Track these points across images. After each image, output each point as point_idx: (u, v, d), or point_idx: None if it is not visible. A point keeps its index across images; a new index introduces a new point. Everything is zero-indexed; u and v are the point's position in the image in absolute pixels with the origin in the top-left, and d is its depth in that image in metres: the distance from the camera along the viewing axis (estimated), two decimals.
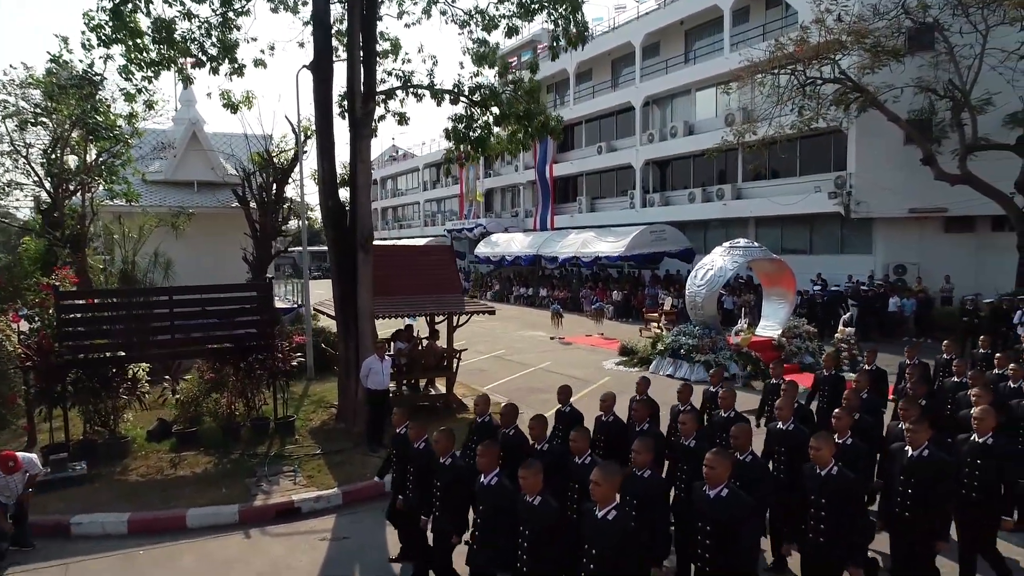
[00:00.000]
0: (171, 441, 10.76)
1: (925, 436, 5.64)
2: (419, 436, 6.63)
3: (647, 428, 7.26)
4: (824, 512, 5.17)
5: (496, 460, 5.54)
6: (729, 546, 4.61)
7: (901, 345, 21.05)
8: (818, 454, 5.27)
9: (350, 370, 11.08)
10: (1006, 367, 9.51)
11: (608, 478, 4.40)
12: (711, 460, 4.77)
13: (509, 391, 15.51)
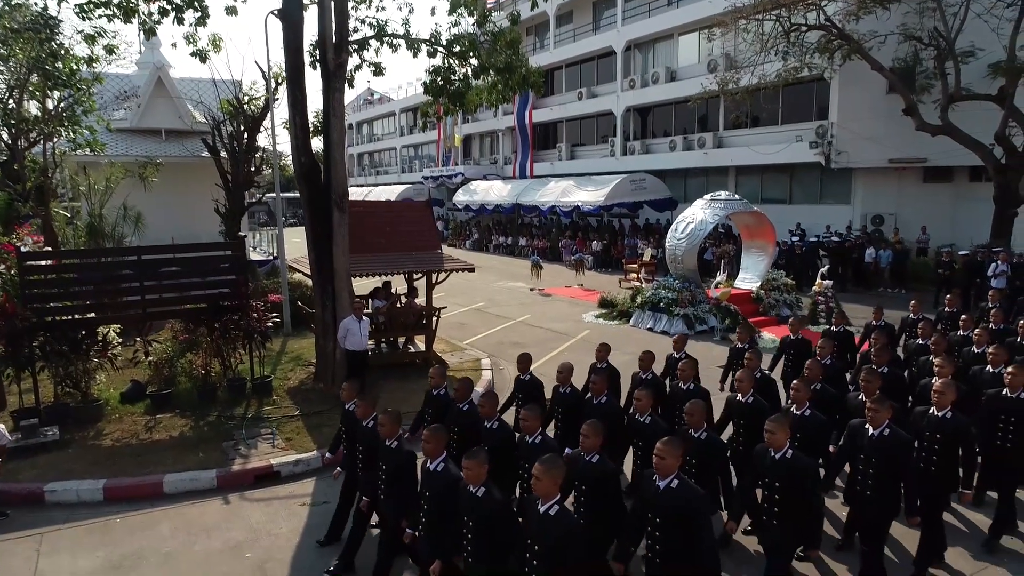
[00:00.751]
0: (145, 403, 10.60)
1: (886, 415, 5.59)
2: (367, 414, 6.35)
3: (604, 401, 7.03)
4: (777, 495, 5.11)
5: (443, 445, 5.26)
6: (681, 538, 4.50)
7: (877, 296, 21.42)
8: (772, 437, 5.15)
9: (327, 331, 10.90)
10: (971, 329, 9.54)
11: (549, 472, 4.16)
12: (661, 450, 4.60)
13: (489, 345, 15.49)
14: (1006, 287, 17.20)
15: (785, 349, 9.84)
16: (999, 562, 6.42)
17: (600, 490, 5.14)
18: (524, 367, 8.02)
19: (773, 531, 5.18)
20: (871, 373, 6.90)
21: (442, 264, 12.40)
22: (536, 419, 5.81)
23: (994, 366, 7.70)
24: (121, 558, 6.84)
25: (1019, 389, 6.53)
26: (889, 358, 8.21)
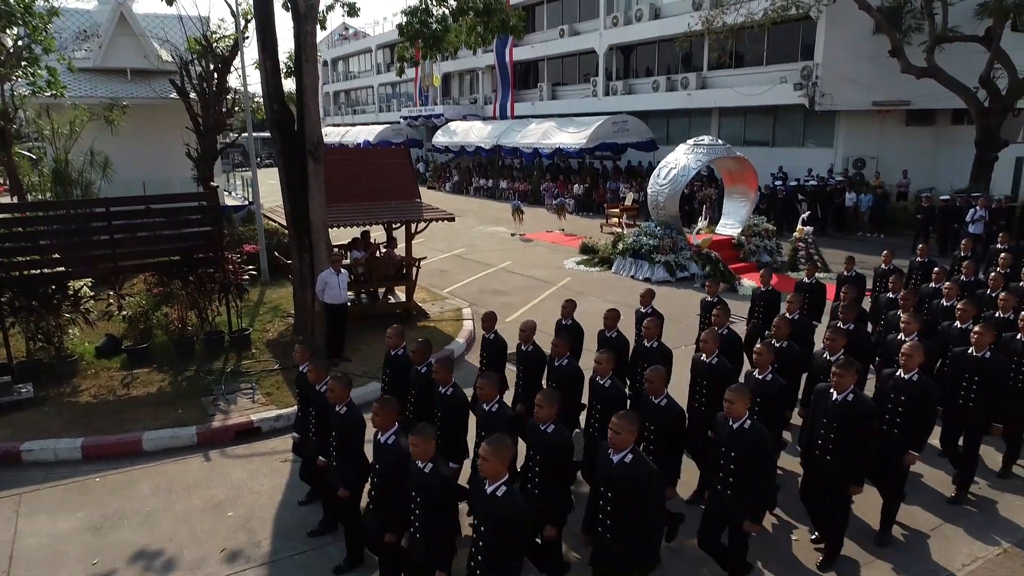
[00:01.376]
0: (121, 357, 10.45)
1: (850, 380, 5.46)
2: (319, 379, 6.16)
3: (565, 363, 6.79)
4: (733, 465, 5.02)
5: (392, 418, 5.09)
6: (632, 513, 4.41)
7: (856, 241, 21.54)
8: (731, 407, 5.00)
9: (305, 283, 10.73)
10: (943, 281, 9.46)
11: (496, 453, 4.02)
12: (616, 424, 4.45)
13: (470, 293, 15.41)
14: (983, 233, 17.36)
15: (755, 302, 9.75)
16: (955, 518, 6.54)
17: (554, 461, 5.02)
18: (489, 326, 7.78)
19: (728, 501, 5.08)
20: (836, 331, 6.80)
21: (421, 214, 12.19)
22: (492, 387, 5.63)
23: (962, 322, 7.66)
24: (102, 518, 6.81)
25: (984, 349, 6.49)
26: (856, 314, 8.08)
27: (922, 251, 11.40)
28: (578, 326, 8.23)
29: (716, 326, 7.75)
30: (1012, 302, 8.11)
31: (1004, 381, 6.67)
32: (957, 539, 6.26)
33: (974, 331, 6.63)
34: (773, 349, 6.72)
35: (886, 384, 6.13)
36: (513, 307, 14.39)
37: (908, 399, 5.91)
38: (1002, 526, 6.46)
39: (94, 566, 6.08)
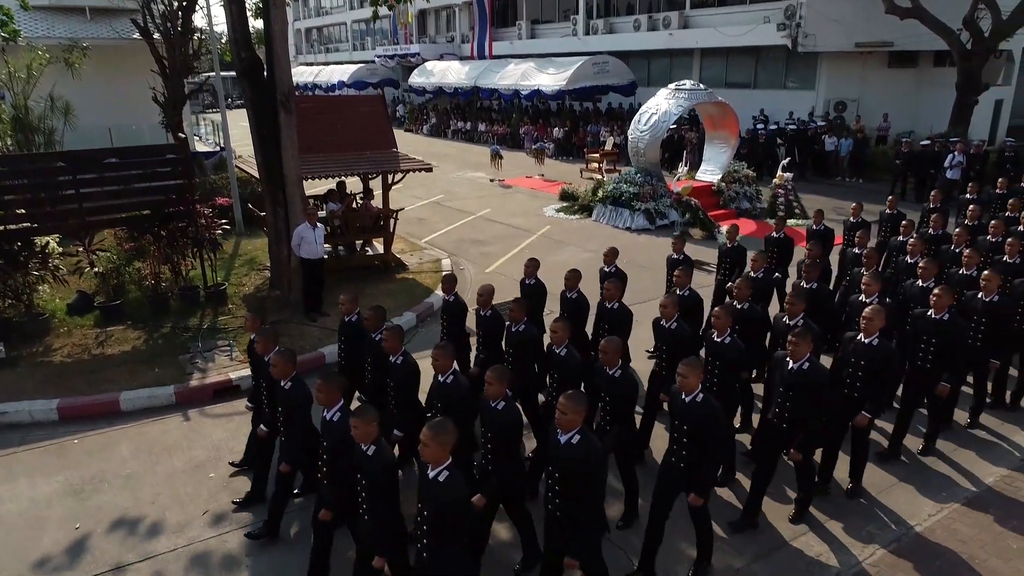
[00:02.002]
0: (94, 315, 10.26)
1: (807, 348, 5.40)
2: (267, 349, 5.94)
3: (522, 329, 6.57)
4: (685, 439, 4.94)
5: (339, 394, 4.95)
6: (578, 495, 4.35)
7: (835, 185, 21.58)
8: (684, 381, 4.88)
9: (280, 237, 10.52)
10: (909, 235, 9.31)
11: (436, 438, 3.91)
12: (563, 405, 4.31)
13: (449, 242, 15.28)
14: (960, 179, 17.43)
15: (722, 257, 9.59)
16: (908, 478, 6.63)
17: (504, 438, 4.90)
18: (448, 287, 7.60)
19: (679, 472, 5.03)
20: (796, 294, 6.70)
21: (398, 165, 11.92)
22: (447, 357, 5.43)
23: (923, 280, 7.55)
24: (82, 482, 6.78)
25: (943, 311, 6.41)
26: (819, 272, 7.95)
27: (891, 202, 11.20)
28: (541, 286, 8.03)
29: (677, 287, 7.68)
30: (976, 259, 8.05)
31: (962, 343, 6.60)
32: (921, 492, 6.46)
33: (933, 293, 6.52)
34: (732, 311, 6.65)
35: (847, 348, 6.10)
36: (493, 257, 14.31)
37: (868, 364, 5.86)
38: (960, 481, 6.67)
39: (76, 531, 6.08)
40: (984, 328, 7.08)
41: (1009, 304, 7.24)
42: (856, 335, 6.03)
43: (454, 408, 5.28)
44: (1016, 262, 8.35)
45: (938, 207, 11.13)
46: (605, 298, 7.22)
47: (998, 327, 7.10)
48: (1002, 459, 6.93)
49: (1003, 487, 6.44)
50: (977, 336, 7.10)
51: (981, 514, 6.07)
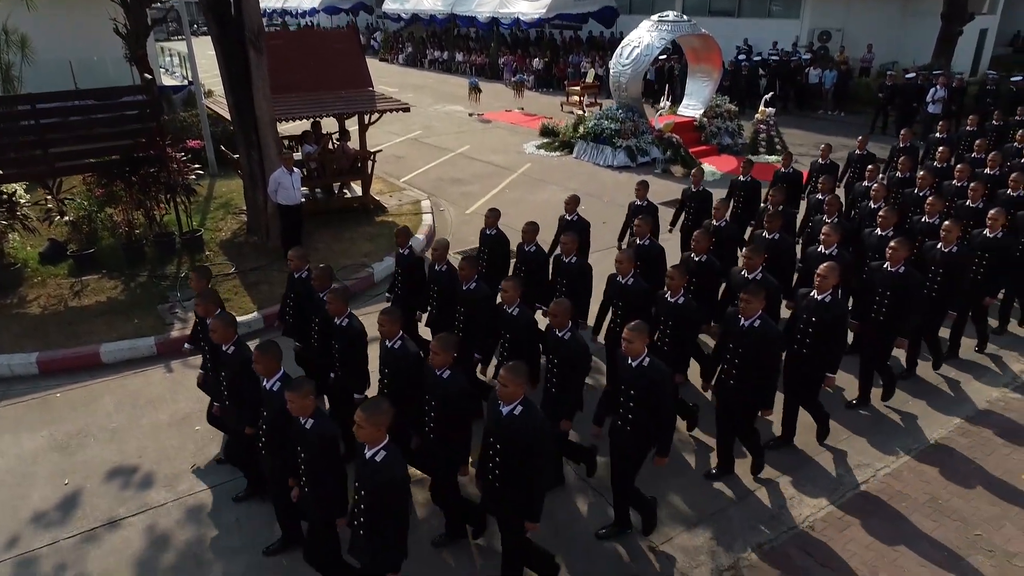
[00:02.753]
0: (68, 263, 10.07)
1: (758, 306, 5.29)
2: (208, 312, 5.72)
3: (474, 287, 6.32)
4: (632, 403, 4.87)
5: (276, 363, 4.75)
6: (521, 467, 4.26)
7: (818, 119, 21.43)
8: (629, 346, 4.76)
9: (256, 182, 10.29)
10: (875, 179, 9.09)
11: (371, 419, 3.82)
12: (503, 377, 4.19)
13: (428, 182, 15.06)
14: (941, 113, 17.37)
15: (686, 202, 9.30)
16: (862, 431, 6.72)
17: (449, 409, 4.74)
18: (403, 241, 7.34)
19: (627, 437, 4.99)
20: (754, 249, 6.46)
21: (374, 104, 11.60)
22: (394, 322, 5.21)
23: (882, 229, 7.35)
24: (67, 437, 6.80)
25: (899, 264, 6.31)
26: (781, 222, 7.65)
27: (861, 142, 10.85)
28: (502, 237, 7.69)
29: (638, 236, 7.40)
30: (939, 206, 7.89)
31: (916, 296, 6.47)
32: (873, 444, 6.70)
33: (890, 246, 6.38)
34: (689, 266, 6.56)
35: (800, 303, 6.00)
36: (473, 197, 14.15)
37: (819, 321, 5.76)
38: (913, 433, 6.92)
39: (65, 486, 6.14)
40: (941, 279, 6.95)
41: (967, 255, 7.05)
42: (810, 291, 5.89)
43: (403, 375, 5.18)
44: (979, 206, 8.22)
45: (907, 147, 10.90)
46: (563, 252, 6.88)
47: (955, 278, 6.93)
48: (956, 409, 7.13)
49: (955, 438, 6.61)
50: (933, 287, 6.97)
51: (928, 467, 6.33)
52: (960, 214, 8.38)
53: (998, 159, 9.87)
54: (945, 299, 7.07)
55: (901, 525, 5.55)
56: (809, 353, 5.89)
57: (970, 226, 8.03)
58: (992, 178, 9.54)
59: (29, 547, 5.49)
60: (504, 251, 7.71)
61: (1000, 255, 7.33)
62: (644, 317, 5.77)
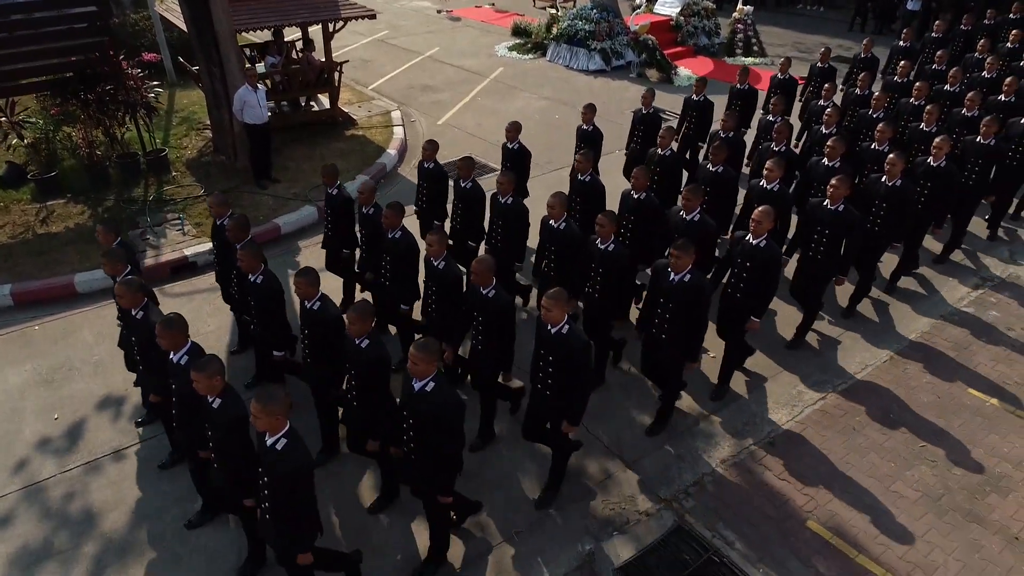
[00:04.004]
0: (29, 187, 9.79)
1: (688, 261, 5.20)
2: (116, 271, 5.55)
3: (399, 236, 5.99)
4: (551, 368, 4.81)
5: (179, 339, 4.49)
6: (434, 444, 4.30)
7: (797, 15, 20.88)
8: (548, 314, 4.64)
9: (220, 101, 9.92)
10: (831, 98, 8.83)
11: (266, 408, 3.74)
12: (413, 355, 4.11)
13: (397, 89, 14.63)
14: (920, 9, 17.05)
15: (636, 124, 9.10)
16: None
17: (367, 377, 4.70)
18: (331, 180, 6.90)
19: (548, 401, 4.98)
20: (692, 190, 6.25)
21: (339, 12, 11.06)
22: (311, 284, 5.02)
23: (829, 160, 7.27)
24: (50, 371, 6.88)
25: (839, 202, 6.26)
26: (725, 156, 7.42)
27: (824, 56, 10.46)
28: (440, 171, 7.36)
29: (579, 172, 7.23)
30: (889, 134, 7.73)
31: (856, 236, 6.45)
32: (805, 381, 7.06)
33: (831, 184, 6.30)
34: (629, 206, 6.52)
35: (735, 248, 5.97)
36: (444, 106, 13.83)
37: (752, 264, 5.75)
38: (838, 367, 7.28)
39: (56, 421, 6.28)
40: (884, 213, 6.85)
41: (911, 189, 6.92)
42: (744, 235, 5.87)
43: (325, 336, 5.08)
44: (974, 115, 8.40)
45: (867, 58, 10.58)
46: (499, 191, 6.55)
47: (900, 212, 6.84)
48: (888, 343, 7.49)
49: (879, 373, 6.89)
50: (876, 222, 6.92)
51: (881, 383, 6.73)
52: (952, 124, 8.65)
53: (995, 63, 9.86)
54: (889, 232, 7.03)
55: (855, 439, 5.97)
56: (741, 298, 5.90)
57: (964, 134, 8.24)
58: (951, 96, 9.53)
59: (33, 479, 5.67)
60: (443, 187, 7.47)
61: (944, 183, 7.30)
62: (652, 233, 6.40)
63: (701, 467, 5.73)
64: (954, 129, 8.56)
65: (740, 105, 9.91)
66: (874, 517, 5.25)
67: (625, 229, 6.77)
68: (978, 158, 7.86)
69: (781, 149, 7.81)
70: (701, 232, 6.16)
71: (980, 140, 7.82)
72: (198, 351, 4.55)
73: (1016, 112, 8.71)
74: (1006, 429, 6.04)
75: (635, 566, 4.94)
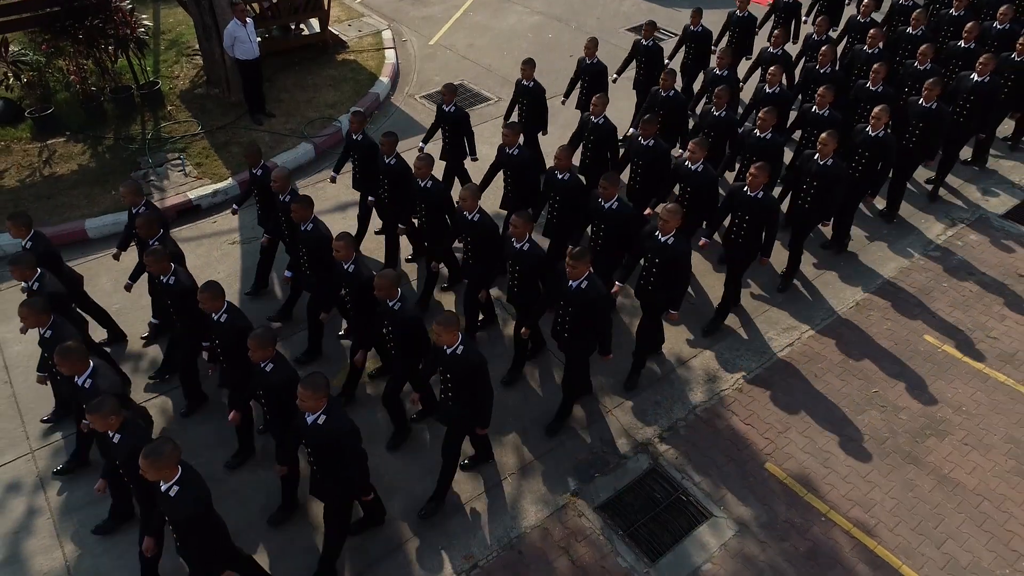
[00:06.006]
0: (28, 125, 9.89)
1: (584, 269, 5.30)
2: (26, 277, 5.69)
3: (310, 228, 6.25)
4: (451, 384, 5.08)
5: (84, 362, 4.75)
6: (333, 470, 4.60)
7: None
8: (439, 339, 4.87)
9: (210, 34, 9.85)
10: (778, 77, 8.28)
11: (154, 464, 3.88)
12: (302, 392, 4.31)
13: (387, 2, 14.27)
14: None
15: (636, 57, 9.24)
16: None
17: (277, 401, 4.97)
18: (254, 160, 7.01)
19: (452, 411, 5.25)
20: (609, 178, 6.22)
21: None
22: (216, 299, 5.18)
23: (761, 130, 7.29)
24: None
25: (758, 190, 6.39)
26: (727, 100, 7.68)
27: (777, 39, 9.13)
28: (403, 166, 7.05)
29: (593, 115, 7.51)
30: (828, 97, 7.61)
31: (839, 188, 6.89)
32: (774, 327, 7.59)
33: (750, 172, 6.39)
34: (557, 185, 6.63)
35: (644, 243, 6.09)
36: (435, 23, 13.60)
37: (662, 260, 5.91)
38: (836, 296, 7.79)
39: None
40: (815, 191, 6.96)
41: (842, 168, 6.94)
42: (653, 231, 5.98)
43: (233, 343, 5.23)
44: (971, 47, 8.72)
45: (814, 20, 9.86)
46: (417, 175, 6.65)
47: (830, 189, 6.94)
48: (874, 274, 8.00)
49: (844, 319, 7.54)
50: (806, 200, 7.07)
51: (846, 329, 7.29)
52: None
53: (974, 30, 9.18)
54: (867, 179, 7.42)
55: (815, 384, 6.61)
56: (654, 291, 6.11)
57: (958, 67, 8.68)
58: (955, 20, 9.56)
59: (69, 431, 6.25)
60: (402, 183, 7.16)
61: (933, 123, 7.71)
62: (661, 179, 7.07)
63: (676, 412, 6.38)
64: (950, 62, 8.93)
65: (738, 33, 9.95)
66: (825, 459, 5.96)
67: (634, 174, 7.33)
68: (969, 95, 8.14)
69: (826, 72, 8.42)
70: (706, 181, 6.78)
71: (975, 78, 8.07)
72: (101, 370, 4.82)
73: (1011, 39, 8.87)
74: (953, 375, 6.67)
75: (613, 504, 5.67)
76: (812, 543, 5.37)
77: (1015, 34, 8.87)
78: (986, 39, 9.18)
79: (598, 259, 6.33)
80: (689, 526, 5.50)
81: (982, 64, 7.98)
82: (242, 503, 5.63)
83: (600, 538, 5.42)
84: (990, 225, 8.47)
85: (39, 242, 6.19)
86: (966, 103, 8.16)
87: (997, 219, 8.55)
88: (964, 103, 8.17)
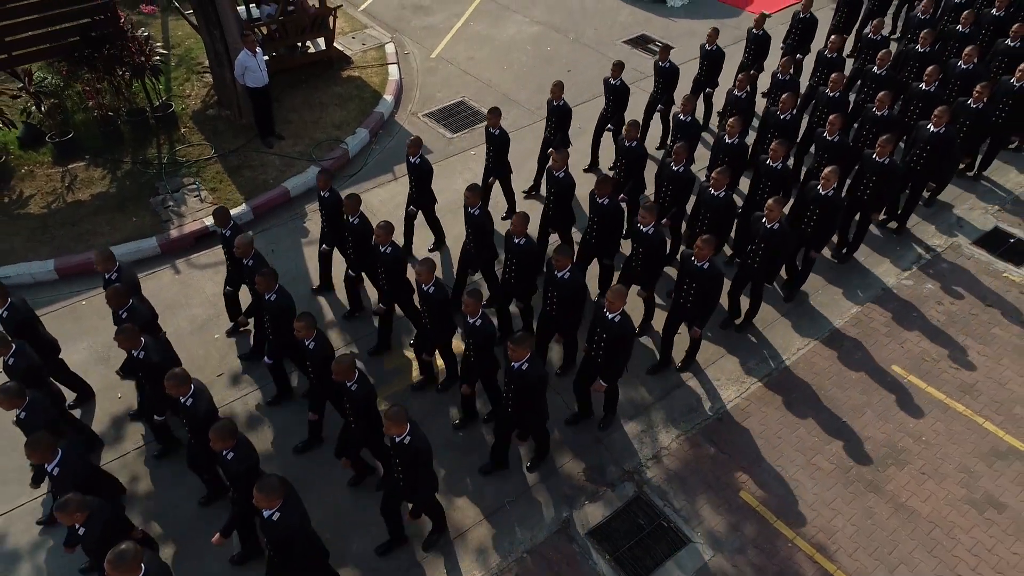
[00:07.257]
0: (48, 149, 10.32)
1: (526, 351, 5.58)
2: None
3: (274, 298, 6.50)
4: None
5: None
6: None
7: None
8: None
9: (222, 61, 10.24)
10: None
11: (119, 567, 4.16)
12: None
13: (389, 10, 14.63)
14: None
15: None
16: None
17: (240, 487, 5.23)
18: (223, 223, 7.23)
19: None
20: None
21: None
22: (185, 384, 5.56)
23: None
24: (104, 348, 7.85)
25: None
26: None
27: (784, 68, 9.72)
28: (365, 224, 7.31)
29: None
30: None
31: (783, 250, 7.40)
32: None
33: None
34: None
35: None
36: (437, 32, 13.92)
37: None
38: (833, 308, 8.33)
39: (120, 400, 7.40)
40: (762, 254, 7.28)
41: (790, 233, 7.33)
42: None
43: (200, 427, 5.48)
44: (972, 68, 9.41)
45: (833, 58, 9.91)
46: (378, 241, 6.91)
47: (778, 254, 7.41)
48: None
49: (817, 350, 8.11)
50: (755, 261, 7.38)
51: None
52: None
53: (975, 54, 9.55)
54: (765, 273, 7.71)
55: (788, 415, 7.20)
56: (600, 365, 6.41)
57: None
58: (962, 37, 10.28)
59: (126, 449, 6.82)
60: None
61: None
62: None
63: (660, 442, 6.98)
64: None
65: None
66: (794, 487, 6.58)
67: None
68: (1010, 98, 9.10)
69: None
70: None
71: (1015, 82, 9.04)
72: (69, 458, 5.19)
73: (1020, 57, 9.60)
74: (916, 405, 7.25)
75: (602, 530, 6.29)
76: (779, 567, 6.00)
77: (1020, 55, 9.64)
78: (991, 58, 10.01)
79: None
80: (669, 551, 6.13)
81: (937, 116, 8.17)
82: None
83: (588, 563, 6.05)
84: (961, 253, 8.99)
85: (15, 312, 6.42)
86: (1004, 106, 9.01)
87: (968, 247, 9.06)
88: (921, 152, 8.55)
